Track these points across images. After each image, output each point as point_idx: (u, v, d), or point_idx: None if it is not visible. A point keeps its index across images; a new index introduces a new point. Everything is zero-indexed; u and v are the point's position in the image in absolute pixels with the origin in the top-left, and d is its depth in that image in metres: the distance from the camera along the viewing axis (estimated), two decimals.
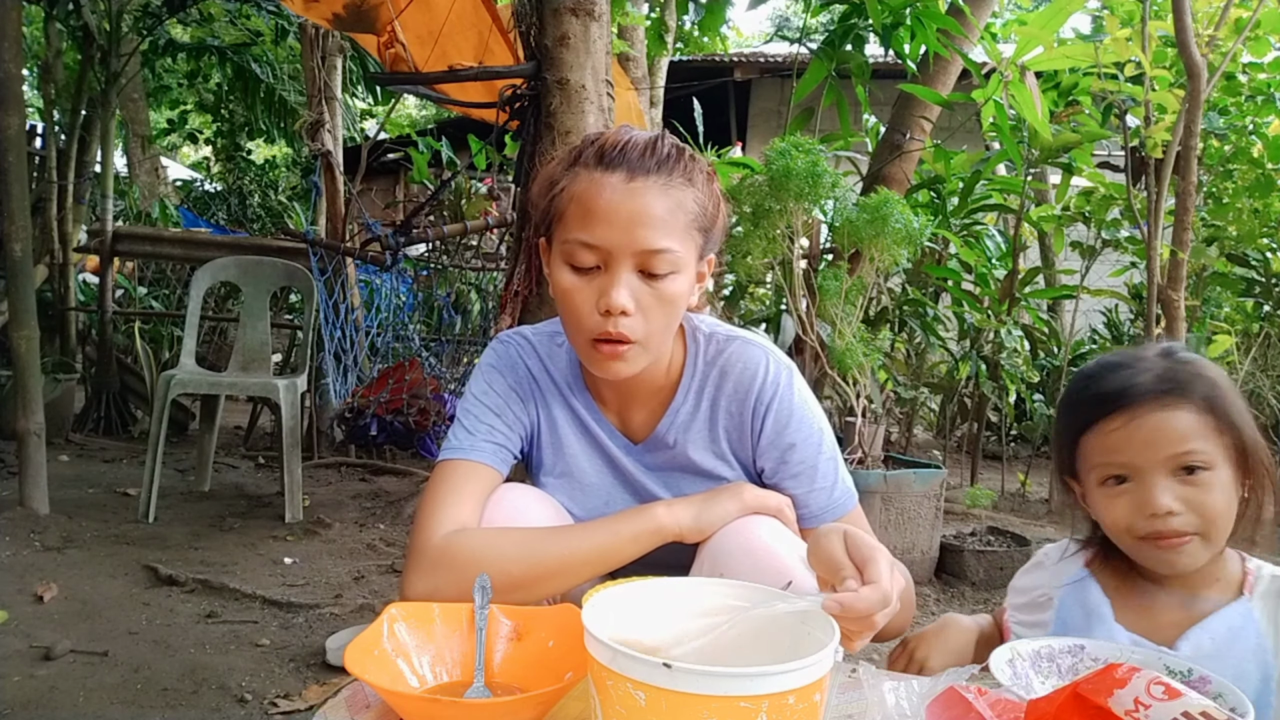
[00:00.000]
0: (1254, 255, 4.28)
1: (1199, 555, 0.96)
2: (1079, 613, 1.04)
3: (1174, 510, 0.94)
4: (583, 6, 2.61)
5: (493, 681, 0.92)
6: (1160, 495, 0.94)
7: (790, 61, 6.71)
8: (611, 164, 1.06)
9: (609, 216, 1.04)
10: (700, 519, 1.10)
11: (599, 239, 1.04)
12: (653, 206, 1.05)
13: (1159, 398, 0.95)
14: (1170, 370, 0.97)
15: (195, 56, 6.95)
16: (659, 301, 1.07)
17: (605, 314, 1.05)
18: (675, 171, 1.07)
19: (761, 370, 1.17)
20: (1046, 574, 1.11)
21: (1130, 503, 0.96)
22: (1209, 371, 0.98)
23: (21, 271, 3.16)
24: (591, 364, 1.11)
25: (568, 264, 1.08)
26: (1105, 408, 0.98)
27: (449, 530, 1.07)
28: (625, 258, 1.05)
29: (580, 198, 1.06)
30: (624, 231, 1.04)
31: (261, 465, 4.55)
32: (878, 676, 0.80)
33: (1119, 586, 1.04)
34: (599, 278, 1.06)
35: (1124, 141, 3.57)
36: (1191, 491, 0.94)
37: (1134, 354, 1.00)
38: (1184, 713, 0.67)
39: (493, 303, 4.51)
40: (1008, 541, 3.23)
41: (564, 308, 1.10)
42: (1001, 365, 4.12)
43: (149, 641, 2.26)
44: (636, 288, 1.06)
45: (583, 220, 1.05)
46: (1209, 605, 0.99)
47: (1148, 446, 0.95)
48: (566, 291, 1.08)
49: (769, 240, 3.01)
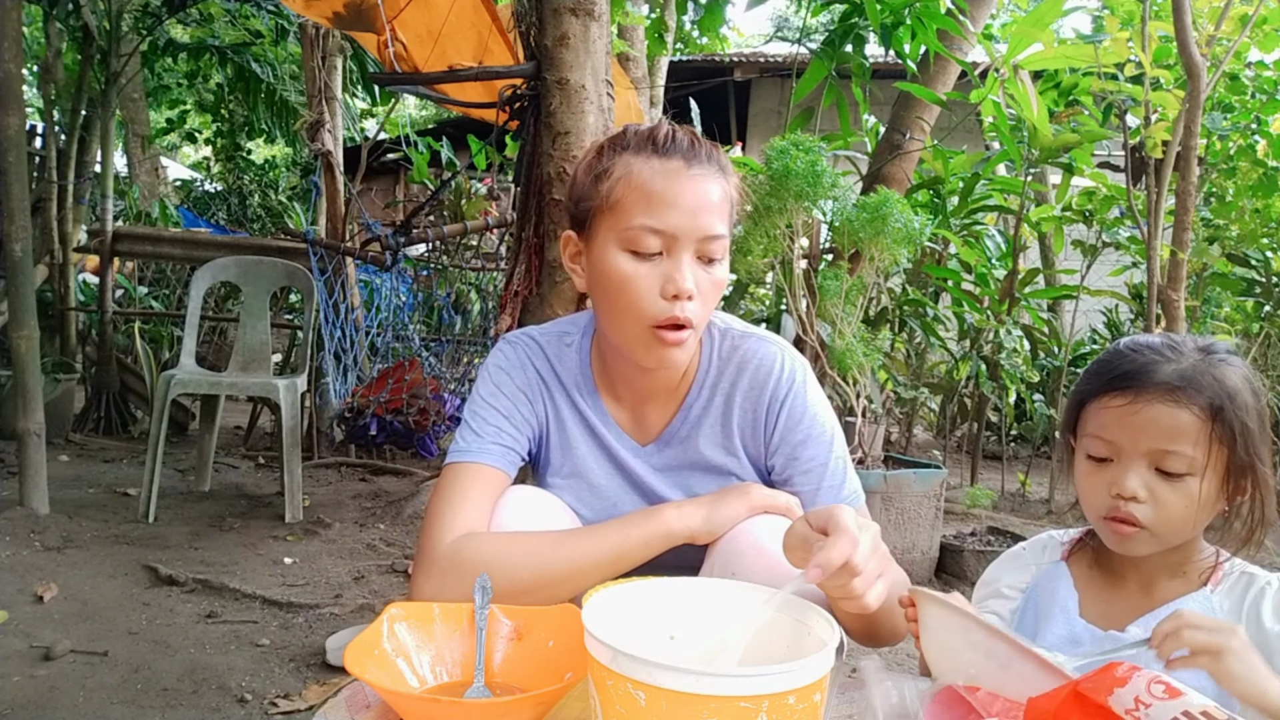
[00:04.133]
0: (1254, 255, 4.28)
1: (1145, 546, 0.98)
2: (1046, 601, 1.05)
3: (1138, 497, 0.95)
4: (583, 6, 2.61)
5: (493, 681, 0.92)
6: (1130, 479, 0.95)
7: (790, 61, 6.70)
8: (668, 152, 1.08)
9: (675, 201, 1.05)
10: (710, 520, 1.09)
11: (666, 224, 1.05)
12: (711, 193, 1.08)
13: (1168, 392, 0.95)
14: (1194, 368, 0.96)
15: (195, 57, 6.94)
16: (713, 286, 1.10)
17: (674, 299, 1.06)
18: (716, 163, 1.10)
19: (777, 367, 1.18)
20: (1018, 566, 1.12)
21: (1105, 481, 0.98)
22: (1232, 380, 0.96)
23: (21, 271, 3.16)
24: (648, 353, 1.10)
25: (628, 250, 1.07)
26: (1115, 384, 0.98)
27: (457, 535, 1.07)
28: (689, 243, 1.07)
29: (642, 184, 1.07)
30: (690, 216, 1.06)
31: (261, 465, 4.55)
32: (878, 676, 0.80)
33: (1091, 578, 1.06)
34: (661, 264, 1.07)
35: (1124, 141, 3.57)
36: (1163, 488, 0.95)
37: (1174, 341, 1.00)
38: (1184, 712, 0.67)
39: (493, 303, 4.51)
40: (1008, 541, 3.23)
41: (621, 295, 1.08)
42: (1001, 365, 4.12)
43: (149, 641, 2.26)
44: (697, 273, 1.08)
45: (647, 205, 1.06)
46: (1169, 594, 1.00)
47: (1137, 433, 0.95)
48: (627, 278, 1.07)
49: (769, 239, 3.01)
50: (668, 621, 0.89)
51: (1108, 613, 1.02)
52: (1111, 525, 0.97)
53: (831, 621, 0.81)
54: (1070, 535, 1.12)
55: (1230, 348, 1.01)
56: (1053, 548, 1.11)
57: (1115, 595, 1.03)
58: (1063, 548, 1.10)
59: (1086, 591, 1.04)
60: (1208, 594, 0.98)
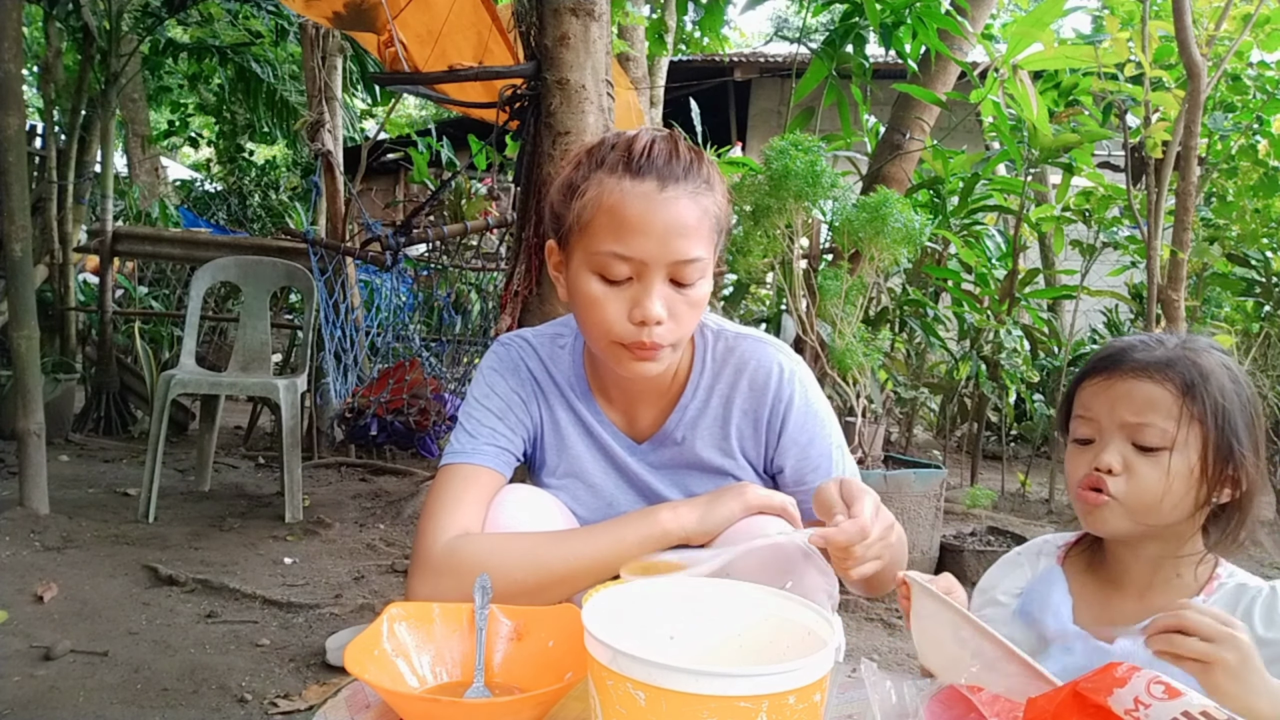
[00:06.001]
0: (1254, 255, 4.27)
1: (1115, 521, 0.99)
2: (1040, 605, 1.06)
3: (1113, 469, 0.97)
4: (583, 6, 2.61)
5: (493, 681, 0.92)
6: (1107, 452, 0.98)
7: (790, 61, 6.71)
8: (641, 172, 1.04)
9: (644, 228, 1.02)
10: (705, 521, 1.10)
11: (634, 251, 1.03)
12: (685, 216, 1.04)
13: (1144, 369, 0.98)
14: (1172, 353, 0.99)
15: (196, 57, 6.95)
16: (689, 307, 1.08)
17: (640, 324, 1.05)
18: (699, 177, 1.06)
19: (777, 370, 1.18)
20: (1013, 571, 1.12)
21: (1086, 460, 1.01)
22: (1207, 363, 0.98)
23: (21, 271, 3.16)
24: (618, 365, 1.10)
25: (597, 274, 1.06)
26: (1097, 366, 1.03)
27: (452, 535, 1.07)
28: (660, 268, 1.04)
29: (612, 208, 1.04)
30: (660, 243, 1.03)
31: (261, 465, 4.55)
32: (878, 676, 0.80)
33: (1086, 583, 1.06)
34: (630, 288, 1.06)
35: (1124, 141, 3.57)
36: (1139, 462, 0.97)
37: (1160, 338, 1.03)
38: (1184, 712, 0.67)
39: (493, 303, 4.51)
40: (1008, 541, 3.23)
41: (590, 315, 1.08)
42: (1001, 365, 4.12)
43: (149, 641, 2.26)
44: (668, 296, 1.06)
45: (616, 232, 1.03)
46: (1163, 601, 0.99)
47: (1112, 406, 0.99)
48: (595, 301, 1.06)
49: (769, 239, 3.01)
50: (668, 621, 0.89)
51: (1102, 618, 1.02)
52: (1081, 494, 1.00)
53: (831, 621, 0.81)
54: (1066, 539, 1.12)
55: (1214, 344, 1.03)
56: (1048, 552, 1.11)
57: (1110, 600, 1.03)
58: (1058, 551, 1.11)
59: (1081, 596, 1.04)
60: (1200, 601, 0.98)
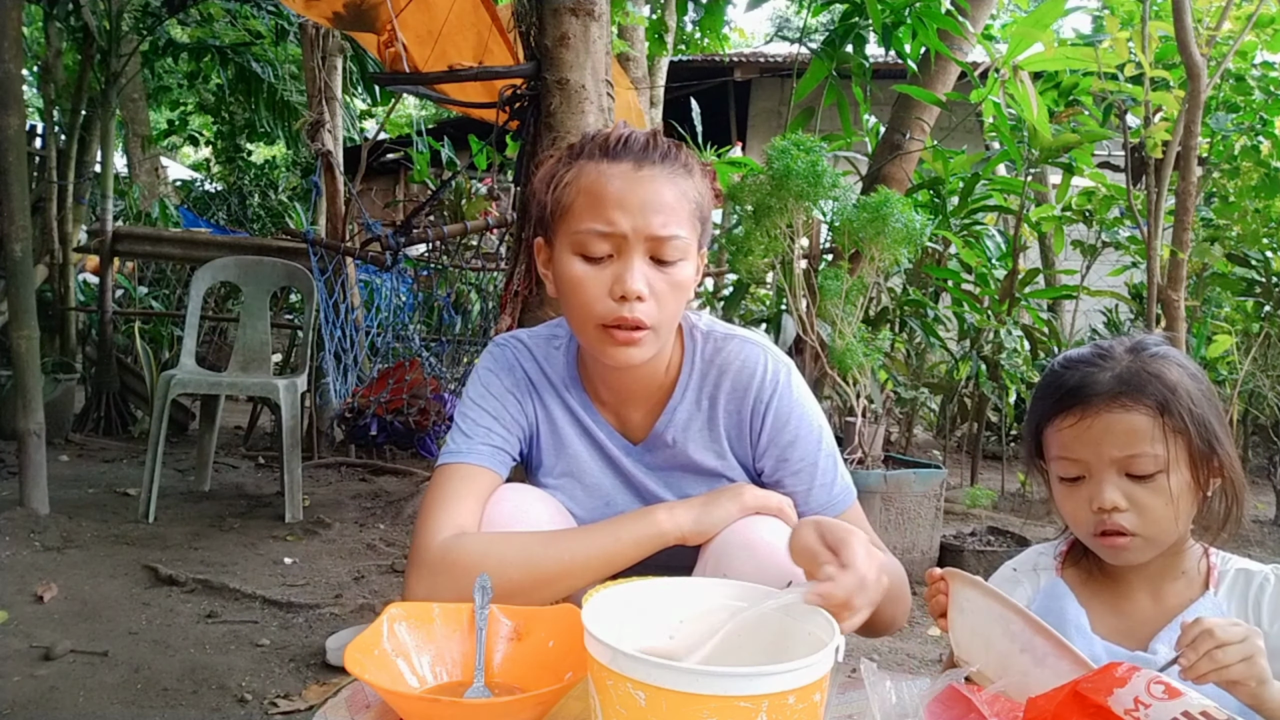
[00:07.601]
0: (1255, 255, 4.27)
1: (1142, 553, 0.98)
2: (1055, 622, 1.04)
3: (1119, 506, 0.96)
4: (583, 6, 2.61)
5: (493, 681, 0.92)
6: (1107, 491, 0.96)
7: (790, 61, 6.71)
8: (617, 155, 1.08)
9: (621, 202, 1.06)
10: (701, 521, 1.10)
11: (613, 225, 1.06)
12: (662, 193, 1.07)
13: (1114, 399, 0.96)
14: (1130, 370, 0.97)
15: (196, 57, 6.95)
16: (671, 288, 1.09)
17: (621, 299, 1.06)
18: (676, 162, 1.10)
19: (760, 368, 1.18)
20: (1013, 588, 1.09)
21: (1083, 499, 0.99)
22: (1170, 373, 0.97)
23: (21, 271, 3.16)
24: (603, 352, 1.10)
25: (578, 254, 1.08)
26: (1062, 404, 1.00)
27: (449, 535, 1.07)
28: (638, 243, 1.06)
29: (589, 188, 1.07)
30: (637, 215, 1.06)
31: (261, 465, 4.55)
32: (878, 676, 0.80)
33: (1092, 592, 1.05)
34: (611, 265, 1.07)
35: (1124, 141, 3.56)
36: (1140, 493, 0.96)
37: (1103, 349, 1.01)
38: (1184, 712, 0.67)
39: (493, 303, 4.51)
40: (1008, 542, 3.23)
41: (574, 297, 1.09)
42: (1001, 365, 4.12)
43: (149, 641, 2.26)
44: (649, 274, 1.07)
45: (594, 209, 1.06)
46: (1177, 601, 1.00)
47: (1098, 445, 0.97)
48: (578, 280, 1.08)
49: (769, 239, 3.01)
50: (667, 621, 0.89)
51: (1121, 628, 1.01)
52: (1104, 541, 0.98)
53: (831, 622, 0.81)
54: (1058, 548, 1.10)
55: (1160, 340, 1.02)
56: (1044, 565, 1.10)
57: (1124, 608, 1.02)
58: (1055, 562, 1.09)
59: (1092, 606, 1.03)
60: (1213, 597, 0.98)
